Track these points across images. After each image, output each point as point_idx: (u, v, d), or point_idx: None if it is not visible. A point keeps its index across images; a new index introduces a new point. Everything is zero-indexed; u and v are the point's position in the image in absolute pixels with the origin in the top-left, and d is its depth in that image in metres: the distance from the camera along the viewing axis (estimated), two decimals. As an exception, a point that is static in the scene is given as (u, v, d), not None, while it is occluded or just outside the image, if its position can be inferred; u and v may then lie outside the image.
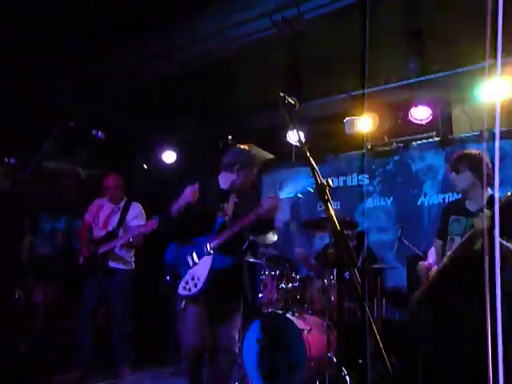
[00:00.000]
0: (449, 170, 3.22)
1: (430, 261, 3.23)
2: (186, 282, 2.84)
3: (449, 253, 2.97)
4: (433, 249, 3.31)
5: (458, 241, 2.97)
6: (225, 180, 3.16)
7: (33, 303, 4.88)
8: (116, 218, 4.38)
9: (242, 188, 3.14)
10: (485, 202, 2.94)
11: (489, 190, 3.03)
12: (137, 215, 4.45)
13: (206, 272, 2.84)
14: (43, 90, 4.89)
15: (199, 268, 2.87)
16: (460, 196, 3.32)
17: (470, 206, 3.06)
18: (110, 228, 4.34)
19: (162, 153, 6.07)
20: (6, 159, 3.26)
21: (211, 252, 2.87)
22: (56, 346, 4.36)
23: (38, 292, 4.93)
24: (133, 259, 4.44)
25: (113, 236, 4.25)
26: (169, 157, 6.14)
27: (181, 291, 2.83)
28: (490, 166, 2.95)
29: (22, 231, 5.13)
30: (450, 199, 5.15)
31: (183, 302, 2.84)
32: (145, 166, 5.88)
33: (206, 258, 2.88)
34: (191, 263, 2.89)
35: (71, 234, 5.73)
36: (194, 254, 2.91)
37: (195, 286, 2.81)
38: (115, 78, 5.18)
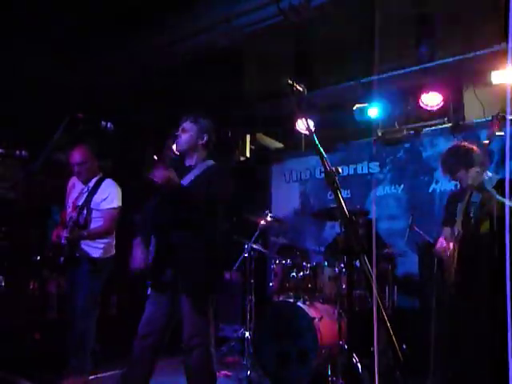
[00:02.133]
0: (444, 173, 3.27)
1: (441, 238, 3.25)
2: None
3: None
4: (441, 238, 3.29)
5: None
6: None
7: (47, 294, 4.95)
8: (82, 200, 3.71)
9: None
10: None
11: (488, 173, 3.03)
12: (106, 196, 3.70)
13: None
14: (52, 81, 4.91)
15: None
16: None
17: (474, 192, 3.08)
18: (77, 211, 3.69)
19: (172, 144, 6.07)
20: (18, 152, 3.27)
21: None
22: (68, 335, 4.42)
23: (52, 282, 5.00)
24: (106, 244, 3.73)
25: (75, 222, 3.63)
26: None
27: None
28: (480, 150, 3.05)
29: (35, 223, 5.18)
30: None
31: None
32: (155, 157, 5.85)
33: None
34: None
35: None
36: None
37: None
38: (124, 69, 5.19)
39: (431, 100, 4.99)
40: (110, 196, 3.70)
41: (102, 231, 3.69)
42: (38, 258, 5.08)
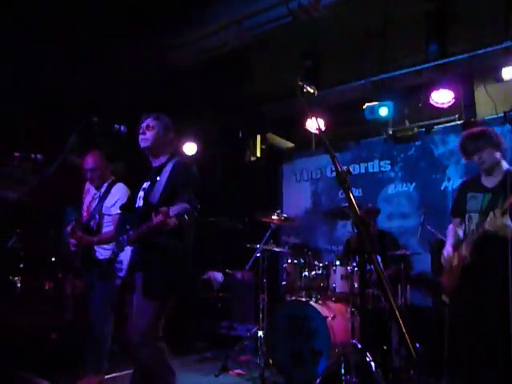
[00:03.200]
0: (464, 150, 3.15)
1: (448, 244, 3.21)
2: (118, 263, 2.79)
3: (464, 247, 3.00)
4: (450, 228, 3.28)
5: (475, 219, 2.98)
6: None
7: (62, 295, 5.02)
8: (94, 205, 3.79)
9: None
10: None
11: (504, 163, 3.03)
12: (115, 201, 3.70)
13: (127, 260, 2.74)
14: (66, 86, 4.98)
15: (125, 254, 2.77)
16: (476, 173, 3.26)
17: (487, 182, 3.05)
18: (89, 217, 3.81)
19: (182, 145, 6.13)
20: (33, 155, 3.33)
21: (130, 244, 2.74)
22: (85, 337, 4.47)
23: (68, 284, 5.07)
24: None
25: (87, 228, 3.74)
26: (190, 148, 6.20)
27: (116, 270, 2.79)
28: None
29: (50, 225, 5.25)
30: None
31: None
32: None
33: (128, 248, 2.77)
34: (123, 246, 2.79)
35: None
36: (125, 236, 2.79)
37: (122, 270, 2.76)
38: (134, 71, 5.24)
39: (442, 97, 4.97)
40: (118, 201, 3.68)
41: (110, 237, 3.63)
42: (53, 259, 5.17)
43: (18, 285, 4.88)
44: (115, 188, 3.81)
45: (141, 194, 2.85)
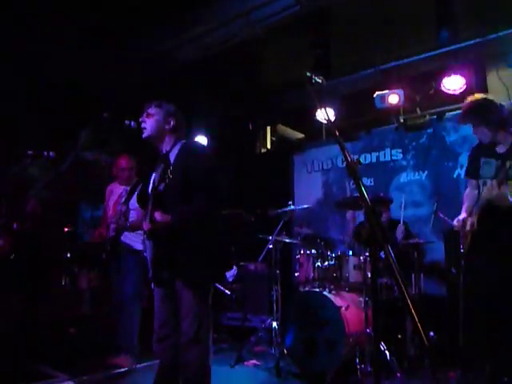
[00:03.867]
0: (463, 123, 3.24)
1: (463, 209, 3.27)
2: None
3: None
4: (467, 191, 3.33)
5: (489, 184, 2.98)
6: None
7: (79, 289, 5.09)
8: (122, 201, 4.09)
9: None
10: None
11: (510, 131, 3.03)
12: None
13: (150, 257, 2.71)
14: (77, 84, 5.01)
15: (148, 250, 2.74)
16: None
17: (500, 148, 3.07)
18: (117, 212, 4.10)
19: (193, 138, 6.16)
20: (46, 153, 3.37)
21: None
22: (102, 329, 4.54)
23: (83, 278, 5.14)
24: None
25: (118, 221, 4.03)
26: (200, 141, 6.22)
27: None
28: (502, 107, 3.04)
29: (65, 221, 5.32)
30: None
31: None
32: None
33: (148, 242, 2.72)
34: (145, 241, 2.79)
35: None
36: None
37: (149, 269, 2.72)
38: (145, 66, 5.26)
39: (453, 84, 4.91)
40: None
41: (138, 223, 3.86)
42: (69, 255, 5.24)
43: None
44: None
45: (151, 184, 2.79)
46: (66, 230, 5.41)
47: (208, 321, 2.61)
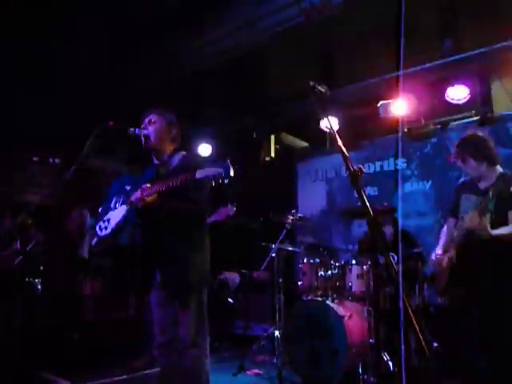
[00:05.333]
0: (454, 158, 3.18)
1: (439, 245, 3.24)
2: (103, 221, 2.70)
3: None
4: (445, 228, 3.32)
5: (470, 214, 2.92)
6: None
7: (82, 296, 5.10)
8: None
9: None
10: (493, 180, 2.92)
11: (498, 167, 3.02)
12: None
13: (116, 221, 2.62)
14: (84, 91, 5.06)
15: (115, 214, 2.65)
16: None
17: (481, 184, 3.05)
18: None
19: (198, 146, 6.19)
20: (51, 160, 3.41)
21: (128, 204, 2.57)
22: (106, 335, 4.54)
23: (87, 285, 5.15)
24: None
25: None
26: (205, 149, 6.25)
27: (97, 229, 2.70)
28: (492, 144, 3.03)
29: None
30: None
31: None
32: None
33: (123, 207, 2.62)
34: (113, 205, 2.70)
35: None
36: (120, 198, 2.68)
37: (105, 229, 2.66)
38: (150, 76, 5.31)
39: (457, 93, 4.91)
40: None
41: None
42: (73, 261, 5.25)
43: (39, 287, 4.98)
44: None
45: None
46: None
47: (204, 326, 2.61)
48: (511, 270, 2.81)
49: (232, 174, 2.27)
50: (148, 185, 2.51)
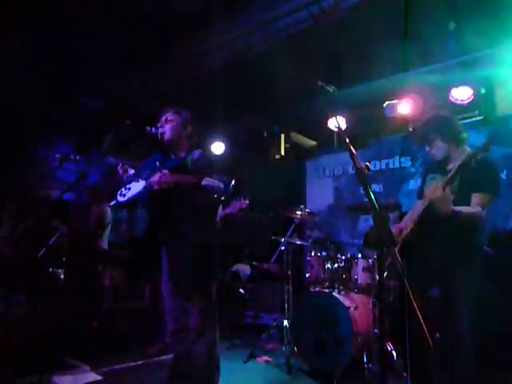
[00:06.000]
0: (419, 144, 2.99)
1: (404, 220, 2.94)
2: (124, 188, 2.72)
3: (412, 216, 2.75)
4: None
5: (434, 184, 2.67)
6: None
7: (101, 285, 5.13)
8: None
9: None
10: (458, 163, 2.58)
11: (466, 148, 2.79)
12: None
13: (134, 191, 2.65)
14: (103, 94, 5.08)
15: (135, 185, 2.67)
16: None
17: (450, 166, 2.79)
18: None
19: (211, 144, 6.18)
20: (72, 156, 3.42)
21: (147, 182, 2.60)
22: (123, 323, 4.56)
23: (106, 276, 5.18)
24: None
25: None
26: (218, 148, 6.24)
27: (118, 193, 2.72)
28: (458, 124, 2.82)
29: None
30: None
31: None
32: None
33: (142, 182, 2.65)
34: (138, 176, 2.74)
35: (134, 222, 5.94)
36: (146, 171, 2.70)
37: (123, 196, 2.68)
38: (166, 77, 5.31)
39: (462, 94, 4.84)
40: None
41: None
42: (94, 253, 5.28)
43: (62, 276, 5.01)
44: None
45: None
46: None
47: (212, 316, 2.61)
48: (467, 251, 2.61)
49: (231, 191, 2.37)
50: (168, 171, 2.53)
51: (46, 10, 4.05)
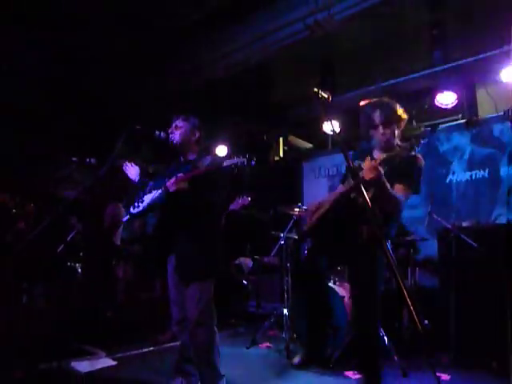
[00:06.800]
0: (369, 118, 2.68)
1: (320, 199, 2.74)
2: (137, 202, 2.70)
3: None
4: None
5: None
6: None
7: (115, 279, 5.13)
8: None
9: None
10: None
11: (397, 140, 2.56)
12: None
13: (148, 201, 2.64)
14: (114, 100, 5.08)
15: (149, 196, 2.67)
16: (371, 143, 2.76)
17: (376, 153, 2.62)
18: None
19: (215, 147, 6.17)
20: (87, 159, 3.42)
21: (163, 187, 2.58)
22: (135, 313, 4.57)
23: (119, 270, 5.18)
24: None
25: None
26: (221, 150, 6.23)
27: (130, 208, 2.71)
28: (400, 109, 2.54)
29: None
30: (477, 176, 4.92)
31: None
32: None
33: (157, 191, 2.63)
34: (148, 190, 2.72)
35: (146, 220, 5.93)
36: (157, 184, 2.69)
37: (137, 207, 2.67)
38: (174, 84, 5.31)
39: (446, 99, 4.83)
40: None
41: None
42: (108, 249, 5.28)
43: (79, 270, 5.02)
44: None
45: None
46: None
47: (210, 306, 2.60)
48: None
49: (253, 163, 2.38)
50: (181, 174, 2.55)
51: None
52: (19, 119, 4.95)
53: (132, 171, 2.90)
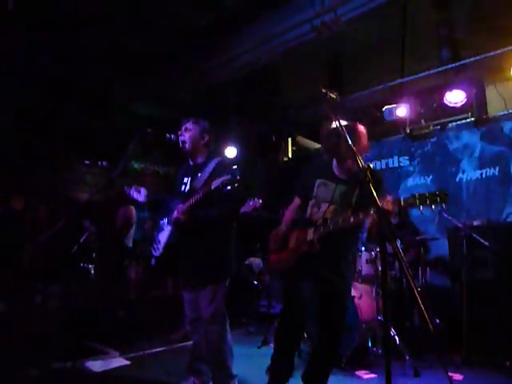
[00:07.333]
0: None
1: (285, 222, 2.85)
2: (155, 243, 2.75)
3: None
4: (290, 208, 2.90)
5: (324, 207, 2.50)
6: None
7: (127, 279, 5.17)
8: None
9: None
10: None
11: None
12: None
13: (164, 240, 2.68)
14: (127, 105, 5.10)
15: (163, 234, 2.71)
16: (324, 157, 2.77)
17: (339, 172, 2.60)
18: None
19: (224, 149, 6.18)
20: (100, 162, 3.45)
21: (171, 223, 2.65)
22: (147, 312, 4.59)
23: (131, 270, 5.21)
24: None
25: None
26: (231, 152, 6.24)
27: (152, 251, 2.77)
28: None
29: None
30: (488, 174, 4.86)
31: None
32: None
33: (168, 227, 2.69)
34: (162, 227, 2.75)
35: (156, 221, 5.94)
36: (166, 219, 2.72)
37: (158, 249, 2.71)
38: (185, 88, 5.33)
39: (455, 97, 4.79)
40: None
41: None
42: (120, 250, 5.32)
43: (92, 271, 5.07)
44: None
45: (182, 187, 2.82)
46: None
47: (222, 306, 2.63)
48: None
49: (238, 178, 2.37)
50: (181, 205, 2.59)
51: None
52: (19, 119, 4.99)
53: (138, 194, 2.91)
